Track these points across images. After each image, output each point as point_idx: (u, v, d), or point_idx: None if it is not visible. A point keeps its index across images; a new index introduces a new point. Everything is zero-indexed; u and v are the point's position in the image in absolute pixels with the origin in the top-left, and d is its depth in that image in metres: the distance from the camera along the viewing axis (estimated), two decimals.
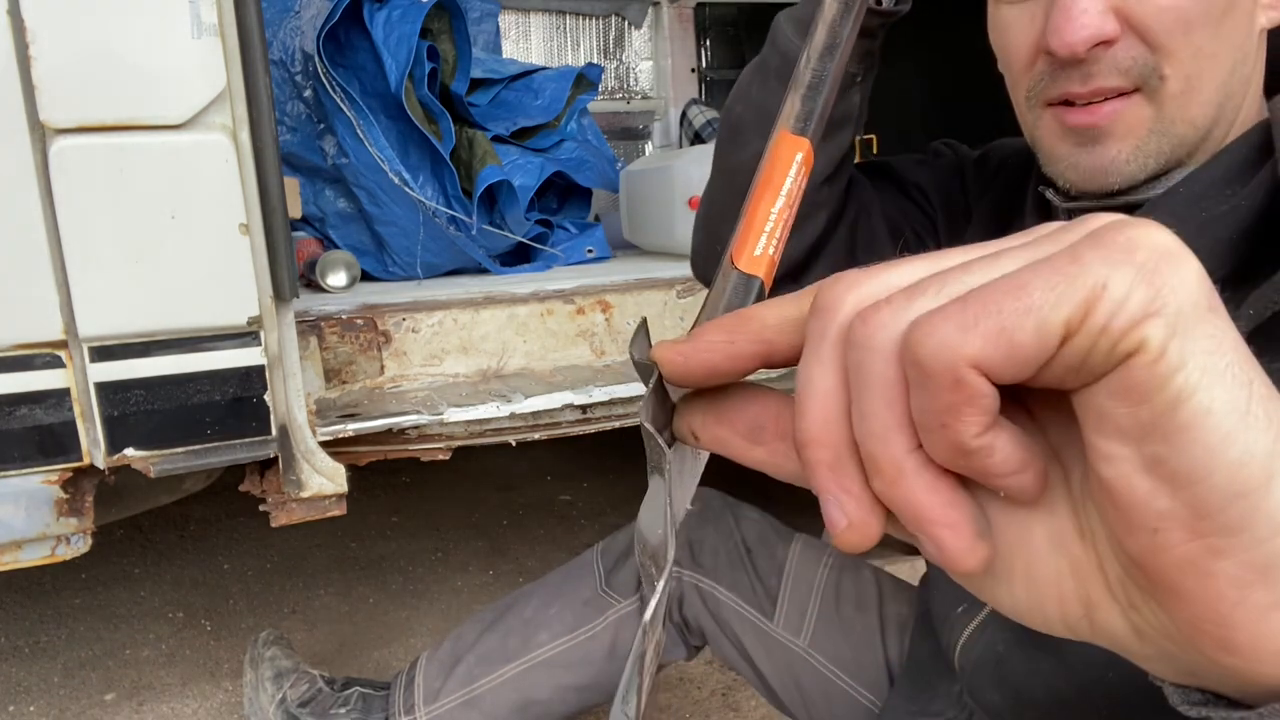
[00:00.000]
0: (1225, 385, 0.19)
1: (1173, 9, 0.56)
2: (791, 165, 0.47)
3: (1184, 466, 0.20)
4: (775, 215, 0.47)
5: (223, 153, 1.02)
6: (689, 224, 1.75)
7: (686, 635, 1.07)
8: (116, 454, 1.05)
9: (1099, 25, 0.56)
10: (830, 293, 0.23)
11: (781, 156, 0.48)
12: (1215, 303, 0.20)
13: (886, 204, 0.86)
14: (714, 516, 1.07)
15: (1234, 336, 0.20)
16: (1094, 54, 0.58)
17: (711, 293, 0.45)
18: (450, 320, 1.40)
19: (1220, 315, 0.20)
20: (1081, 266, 0.19)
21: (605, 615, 1.06)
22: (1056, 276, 0.19)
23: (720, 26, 2.91)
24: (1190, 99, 0.58)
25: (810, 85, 0.49)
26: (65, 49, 0.94)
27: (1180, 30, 0.56)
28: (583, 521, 2.15)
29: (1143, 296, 0.19)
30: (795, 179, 0.47)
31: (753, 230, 0.47)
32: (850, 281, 0.23)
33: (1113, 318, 0.19)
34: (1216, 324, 0.20)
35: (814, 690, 0.96)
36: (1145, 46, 0.57)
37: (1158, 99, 0.58)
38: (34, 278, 0.99)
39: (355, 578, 1.89)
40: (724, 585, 1.02)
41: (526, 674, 1.06)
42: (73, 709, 1.43)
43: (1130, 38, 0.57)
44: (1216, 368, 0.19)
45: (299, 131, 1.78)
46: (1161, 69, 0.57)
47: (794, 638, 0.96)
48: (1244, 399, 0.20)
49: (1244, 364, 0.20)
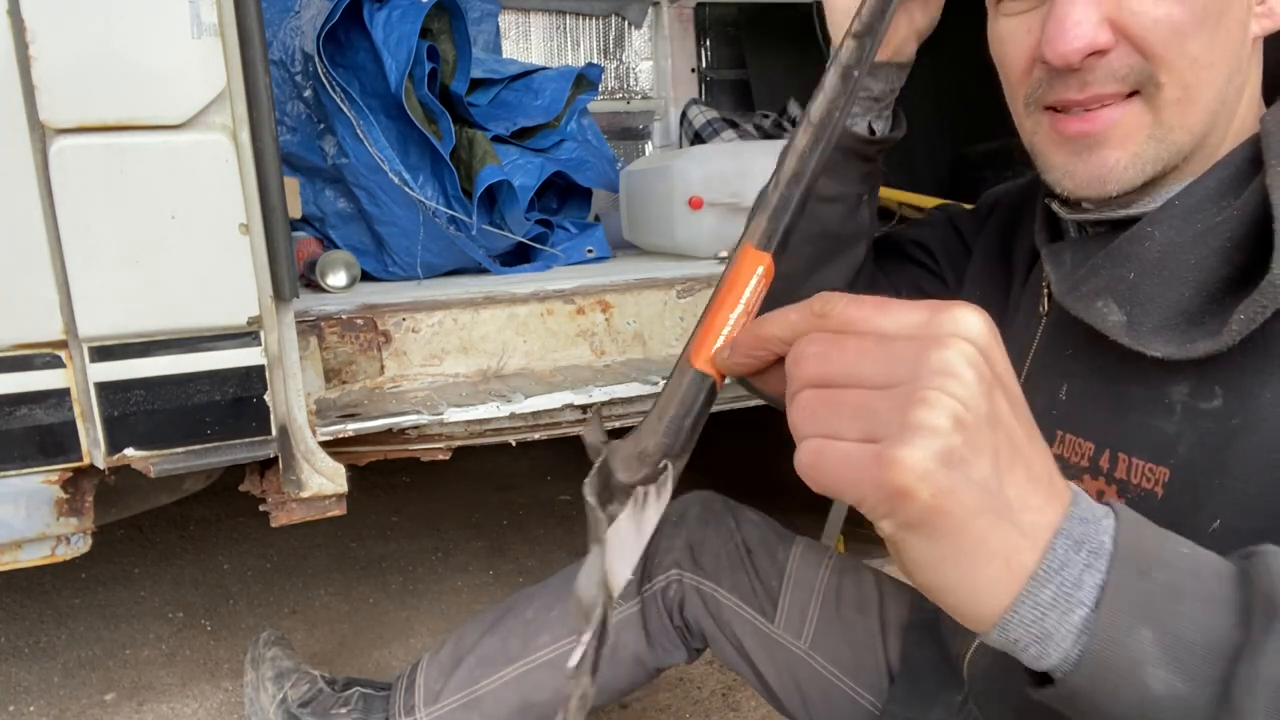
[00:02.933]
0: (913, 543, 0.38)
1: (1166, 20, 0.56)
2: (752, 277, 0.54)
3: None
4: (733, 321, 0.53)
5: (223, 153, 1.02)
6: (689, 224, 1.76)
7: (687, 638, 1.07)
8: (116, 454, 1.05)
9: (1092, 36, 0.57)
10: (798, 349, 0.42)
11: (744, 269, 0.54)
12: None
13: (890, 275, 0.92)
14: (715, 519, 1.07)
15: None
16: (1089, 63, 0.59)
17: (669, 386, 0.53)
18: (450, 320, 1.40)
19: None
20: (873, 483, 0.37)
21: None
22: (863, 471, 0.37)
23: (720, 26, 2.91)
24: (1188, 107, 0.58)
25: (776, 208, 0.55)
26: (65, 49, 0.94)
27: (1175, 40, 0.57)
28: (583, 521, 2.15)
29: (885, 510, 0.37)
30: (755, 289, 0.54)
31: (711, 333, 0.53)
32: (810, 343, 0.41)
33: (872, 509, 0.38)
34: None
35: (814, 691, 0.96)
36: (1140, 56, 0.58)
37: (1155, 105, 0.58)
38: (34, 278, 0.99)
39: (355, 578, 1.89)
40: (724, 587, 1.02)
41: (527, 676, 1.06)
42: (73, 709, 1.43)
43: (1125, 47, 0.58)
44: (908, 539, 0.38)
45: (299, 131, 1.78)
46: (1158, 77, 0.58)
47: (794, 639, 0.97)
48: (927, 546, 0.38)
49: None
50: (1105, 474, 0.61)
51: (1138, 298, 0.57)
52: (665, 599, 1.06)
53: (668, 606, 1.06)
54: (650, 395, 1.37)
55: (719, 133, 2.48)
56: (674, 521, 1.09)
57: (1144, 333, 0.56)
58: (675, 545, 1.07)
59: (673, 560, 1.06)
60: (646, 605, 1.07)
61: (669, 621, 1.07)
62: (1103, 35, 0.57)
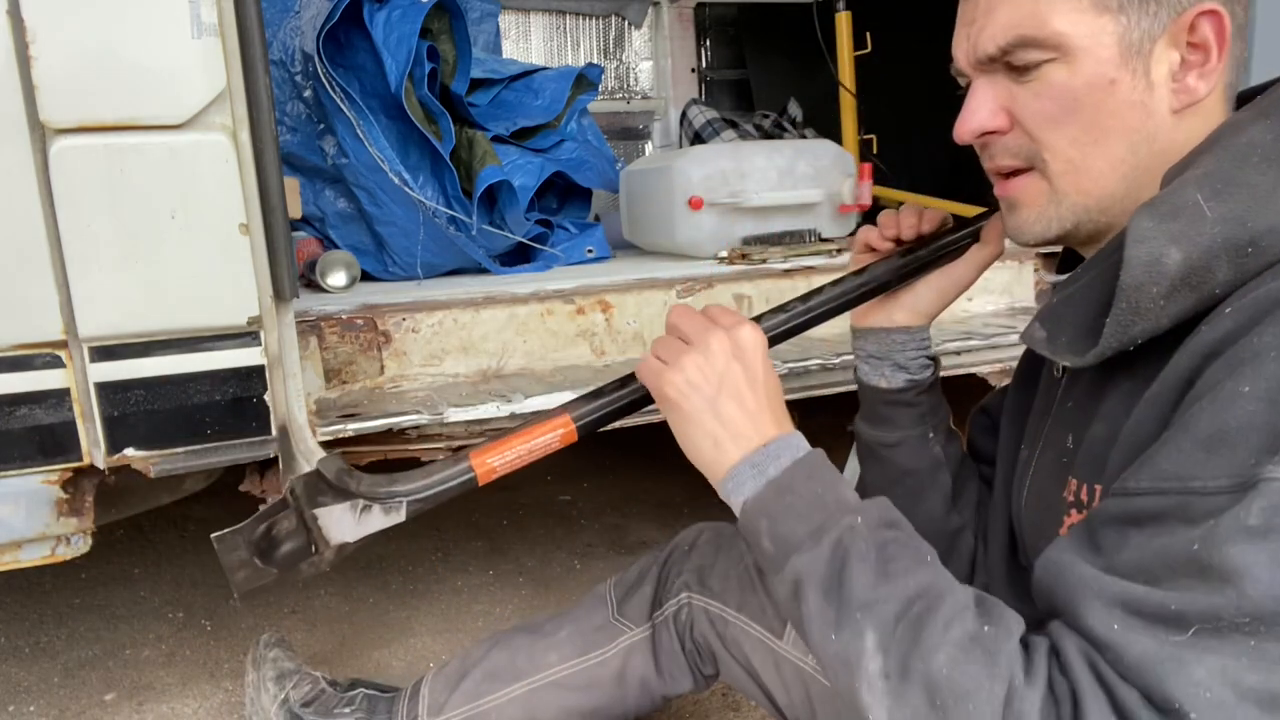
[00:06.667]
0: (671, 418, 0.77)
1: (1040, 110, 0.69)
2: (550, 433, 0.80)
3: None
4: (516, 452, 0.78)
5: (223, 153, 1.02)
6: (689, 224, 1.76)
7: (698, 663, 1.08)
8: (116, 454, 1.05)
9: (983, 121, 0.72)
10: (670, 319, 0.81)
11: (551, 425, 0.80)
12: None
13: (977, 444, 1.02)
14: (725, 544, 1.08)
15: None
16: (987, 141, 0.74)
17: (439, 464, 0.78)
18: (450, 320, 1.40)
19: None
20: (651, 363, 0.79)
21: (616, 642, 1.08)
22: (653, 374, 0.78)
23: (720, 26, 2.91)
24: (1079, 176, 0.70)
25: (592, 394, 0.86)
26: (65, 49, 0.94)
27: (1050, 126, 0.69)
28: (583, 521, 2.15)
29: (658, 396, 0.79)
30: (545, 442, 0.79)
31: (498, 450, 0.79)
32: (673, 313, 0.81)
33: (654, 393, 0.79)
34: None
35: (823, 707, 0.96)
36: (1029, 138, 0.71)
37: (1048, 175, 0.71)
38: (34, 278, 0.99)
39: (355, 578, 1.89)
40: (732, 606, 1.03)
41: (534, 694, 1.06)
42: (73, 709, 1.43)
43: (1019, 130, 0.72)
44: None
45: (299, 131, 1.78)
46: (1043, 155, 0.71)
47: (803, 656, 0.97)
48: None
49: None
50: (1086, 505, 0.69)
51: (1055, 318, 0.70)
52: (677, 624, 1.07)
53: (679, 631, 1.07)
54: None
55: (719, 133, 2.48)
56: (685, 550, 1.11)
57: (1059, 347, 0.69)
58: (685, 569, 1.08)
59: (683, 584, 1.07)
60: (658, 631, 1.08)
61: (679, 647, 1.08)
62: (996, 120, 0.72)
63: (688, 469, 0.77)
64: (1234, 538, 0.51)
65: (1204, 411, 0.55)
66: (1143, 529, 0.56)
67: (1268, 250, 0.58)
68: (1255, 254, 0.58)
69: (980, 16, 0.71)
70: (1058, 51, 0.67)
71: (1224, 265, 0.58)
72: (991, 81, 0.72)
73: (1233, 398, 0.54)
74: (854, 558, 0.64)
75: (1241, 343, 0.55)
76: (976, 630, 0.58)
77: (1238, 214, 0.59)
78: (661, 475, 2.37)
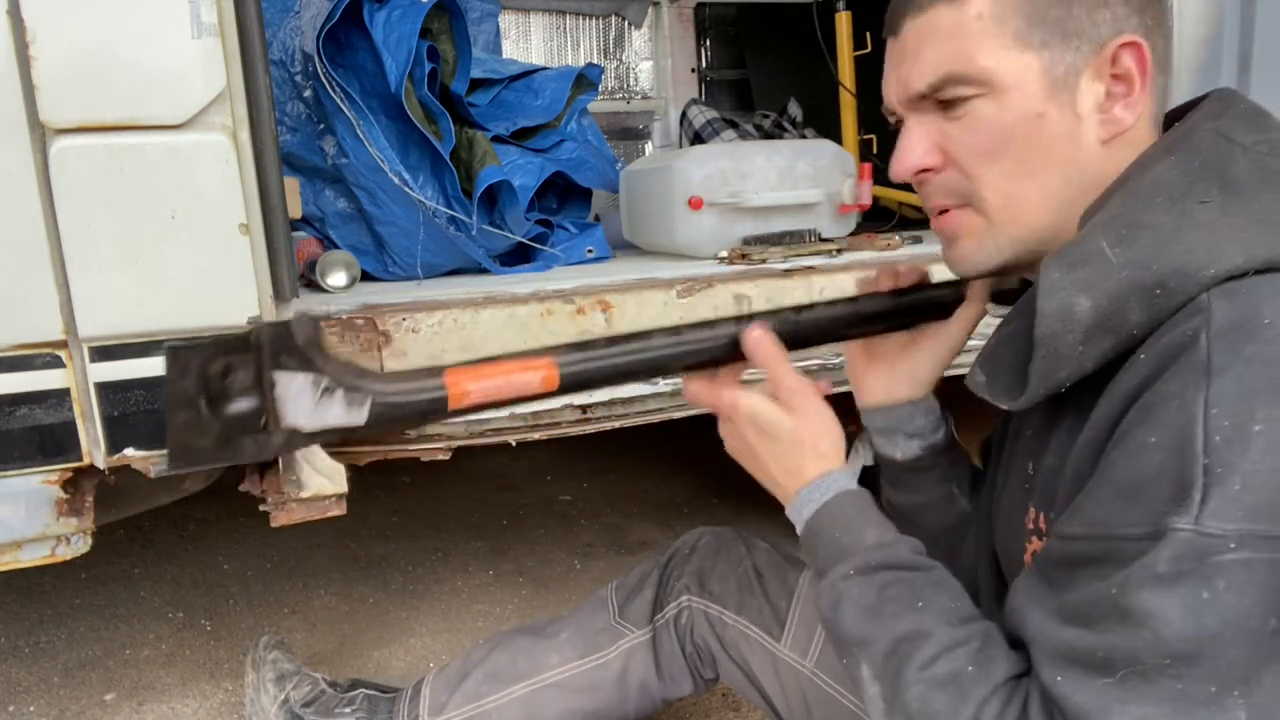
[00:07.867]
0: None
1: (973, 145, 0.70)
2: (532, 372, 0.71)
3: None
4: (497, 385, 0.69)
5: (223, 153, 1.02)
6: (689, 224, 1.76)
7: (698, 666, 1.08)
8: (116, 454, 1.05)
9: (916, 160, 0.73)
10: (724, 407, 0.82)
11: (535, 365, 0.72)
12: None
13: None
14: (725, 547, 1.09)
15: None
16: (923, 179, 0.75)
17: (411, 372, 0.69)
18: (450, 320, 1.40)
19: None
20: None
21: (617, 644, 1.08)
22: None
23: (720, 26, 2.91)
24: (1015, 209, 0.71)
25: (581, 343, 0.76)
26: (65, 49, 0.94)
27: (983, 160, 0.70)
28: (583, 521, 2.15)
29: None
30: (525, 379, 0.71)
31: (476, 375, 0.69)
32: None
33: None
34: None
35: (820, 709, 0.96)
36: (963, 176, 0.72)
37: (984, 210, 0.72)
38: (34, 278, 0.99)
39: (355, 578, 1.89)
40: (731, 609, 1.04)
41: (535, 695, 1.07)
42: (73, 709, 1.43)
43: (953, 167, 0.72)
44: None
45: (299, 131, 1.78)
46: (979, 191, 0.71)
47: (801, 658, 0.97)
48: None
49: None
50: (1044, 534, 0.71)
51: (994, 362, 0.71)
52: (677, 627, 1.08)
53: (679, 634, 1.08)
54: (651, 395, 1.38)
55: (719, 133, 2.48)
56: (685, 553, 1.11)
57: (997, 391, 0.70)
58: (686, 572, 1.09)
59: (683, 586, 1.08)
60: (658, 634, 1.08)
61: (679, 650, 1.08)
62: (930, 159, 0.73)
63: (688, 469, 0.78)
64: (1146, 584, 0.54)
65: (1120, 459, 0.58)
66: (1085, 569, 0.59)
67: (1176, 291, 0.58)
68: (1164, 295, 0.59)
69: (909, 58, 0.72)
70: (985, 87, 0.68)
71: (1135, 308, 0.60)
72: (922, 120, 0.73)
73: (1143, 447, 0.56)
74: (846, 602, 0.72)
75: (1152, 389, 0.57)
76: (959, 670, 0.64)
77: (1142, 258, 0.60)
78: (662, 475, 2.37)
